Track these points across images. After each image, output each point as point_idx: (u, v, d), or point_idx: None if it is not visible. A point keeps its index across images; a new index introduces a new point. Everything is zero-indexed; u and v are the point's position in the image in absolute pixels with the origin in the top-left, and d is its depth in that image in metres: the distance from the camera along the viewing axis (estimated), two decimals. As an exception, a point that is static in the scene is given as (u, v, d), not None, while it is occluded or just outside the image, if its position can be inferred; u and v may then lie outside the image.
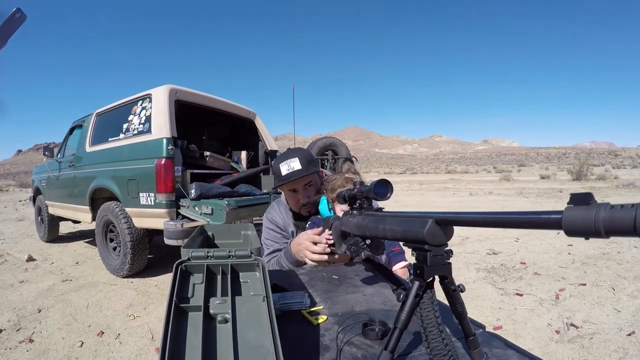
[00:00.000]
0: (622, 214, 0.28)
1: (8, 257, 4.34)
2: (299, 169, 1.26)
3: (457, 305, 0.54)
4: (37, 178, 5.47)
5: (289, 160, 1.28)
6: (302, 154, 1.31)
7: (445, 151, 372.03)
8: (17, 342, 2.12)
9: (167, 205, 2.85)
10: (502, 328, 2.16)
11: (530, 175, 24.09)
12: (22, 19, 0.74)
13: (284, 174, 1.28)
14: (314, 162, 1.33)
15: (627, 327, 2.09)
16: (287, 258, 1.16)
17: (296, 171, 1.26)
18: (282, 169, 1.28)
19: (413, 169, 64.95)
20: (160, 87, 3.08)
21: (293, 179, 1.26)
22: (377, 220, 0.66)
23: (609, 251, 3.85)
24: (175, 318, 0.51)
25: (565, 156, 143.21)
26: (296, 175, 1.26)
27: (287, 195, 1.38)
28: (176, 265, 0.62)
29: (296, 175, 1.26)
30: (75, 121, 4.44)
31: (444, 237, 0.50)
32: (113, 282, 3.29)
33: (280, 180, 1.29)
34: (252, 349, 0.48)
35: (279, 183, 1.31)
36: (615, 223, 0.28)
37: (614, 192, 10.13)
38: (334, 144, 6.47)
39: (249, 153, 4.29)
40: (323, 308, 0.77)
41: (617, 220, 0.28)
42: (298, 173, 1.26)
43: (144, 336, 2.20)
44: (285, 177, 1.27)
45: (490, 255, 3.94)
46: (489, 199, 9.85)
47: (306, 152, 1.35)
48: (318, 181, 1.37)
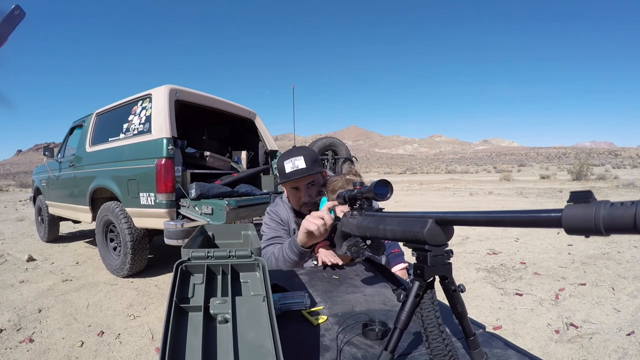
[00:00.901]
0: (622, 211, 0.28)
1: (8, 257, 4.34)
2: (303, 167, 1.27)
3: (458, 306, 0.55)
4: (37, 178, 5.47)
5: (293, 158, 1.29)
6: (307, 152, 1.32)
7: (445, 151, 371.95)
8: (17, 342, 2.12)
9: (167, 205, 2.86)
10: (501, 328, 2.16)
11: (530, 175, 24.09)
12: (22, 16, 0.74)
13: (287, 171, 1.29)
14: (318, 162, 1.34)
15: (626, 327, 2.09)
16: (292, 249, 1.13)
17: (300, 170, 1.27)
18: (287, 167, 1.29)
19: (413, 169, 64.96)
20: (160, 87, 3.08)
21: (296, 177, 1.27)
22: (377, 220, 0.66)
23: (609, 251, 3.85)
24: (175, 318, 0.51)
25: (565, 156, 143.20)
26: (300, 174, 1.27)
27: (289, 193, 1.39)
28: (176, 265, 0.62)
29: (300, 174, 1.27)
30: (75, 121, 4.44)
31: (444, 237, 0.50)
32: (113, 282, 3.29)
33: (284, 178, 1.30)
34: (252, 349, 0.48)
35: (282, 180, 1.32)
36: (615, 220, 0.28)
37: (614, 192, 10.13)
38: (334, 144, 6.47)
39: (249, 153, 4.29)
40: (323, 308, 0.77)
41: (617, 217, 0.28)
42: (302, 172, 1.27)
43: (144, 336, 2.20)
44: (288, 174, 1.28)
45: (490, 255, 3.94)
46: (489, 199, 9.85)
47: (311, 151, 1.35)
48: (321, 181, 1.38)
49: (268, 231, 1.37)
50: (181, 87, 3.17)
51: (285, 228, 1.39)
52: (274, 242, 1.31)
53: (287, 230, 1.38)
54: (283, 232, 1.37)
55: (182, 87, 3.18)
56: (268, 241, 1.33)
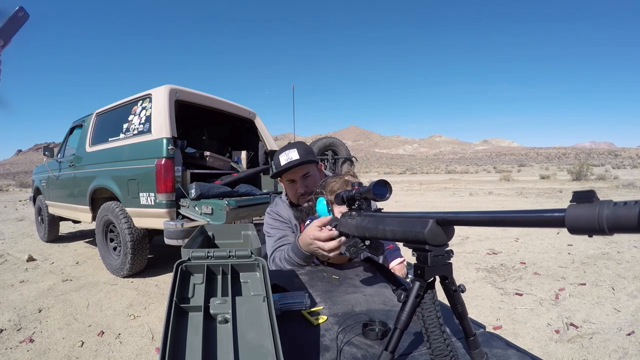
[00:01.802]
0: (626, 211, 0.28)
1: (8, 257, 4.34)
2: (296, 158, 1.31)
3: (458, 306, 0.54)
4: (37, 178, 5.47)
5: (288, 151, 1.33)
6: (301, 145, 1.36)
7: (445, 151, 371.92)
8: (17, 342, 2.12)
9: (167, 205, 2.86)
10: (501, 328, 2.16)
11: (530, 176, 24.09)
12: (25, 18, 0.74)
13: (282, 164, 1.33)
14: (312, 154, 1.37)
15: (626, 326, 2.09)
16: (296, 253, 1.12)
17: (294, 160, 1.31)
18: (281, 160, 1.33)
19: (413, 169, 64.96)
20: (160, 87, 3.08)
21: (291, 166, 1.30)
22: (376, 221, 0.66)
23: (609, 251, 3.85)
24: (175, 318, 0.51)
25: (565, 156, 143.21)
26: (294, 163, 1.30)
27: (286, 187, 1.41)
28: (176, 265, 0.62)
29: (294, 164, 1.30)
30: (75, 121, 4.44)
31: (444, 237, 0.50)
32: (113, 282, 3.29)
33: (279, 169, 1.34)
34: (252, 349, 0.48)
35: (278, 171, 1.35)
36: (619, 220, 0.28)
37: (614, 192, 10.13)
38: (334, 144, 6.47)
39: (249, 153, 4.29)
40: (323, 308, 0.77)
41: (621, 217, 0.28)
42: (295, 162, 1.30)
43: (144, 336, 2.20)
44: (283, 166, 1.32)
45: (490, 255, 3.94)
46: (489, 199, 9.85)
47: (305, 144, 1.39)
48: (317, 175, 1.39)
49: (273, 232, 1.37)
50: (181, 87, 3.17)
51: (290, 226, 1.39)
52: (283, 244, 1.30)
53: (292, 228, 1.39)
54: (288, 229, 1.38)
55: (182, 87, 3.18)
56: (277, 243, 1.32)
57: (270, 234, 1.38)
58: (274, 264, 1.24)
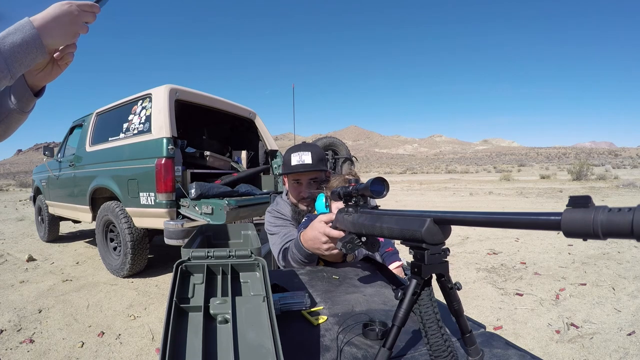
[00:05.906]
0: (620, 217, 0.29)
1: (8, 257, 4.34)
2: (308, 163, 1.31)
3: (454, 303, 0.55)
4: (37, 178, 5.47)
5: (301, 152, 1.33)
6: (315, 150, 1.36)
7: (445, 151, 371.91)
8: (17, 342, 2.12)
9: (167, 205, 2.86)
10: (502, 328, 2.16)
11: (530, 175, 24.08)
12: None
13: (293, 164, 1.33)
14: (324, 162, 1.38)
15: (627, 326, 2.09)
16: (299, 250, 1.09)
17: (305, 164, 1.31)
18: (293, 159, 1.33)
19: (413, 168, 64.96)
20: (161, 86, 3.08)
21: (300, 170, 1.30)
22: (374, 218, 0.66)
23: (609, 251, 3.85)
24: (175, 318, 0.51)
25: (565, 156, 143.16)
26: (303, 168, 1.30)
27: (290, 185, 1.41)
28: (176, 265, 0.62)
29: (303, 169, 1.30)
30: (75, 121, 4.44)
31: (442, 236, 0.50)
32: (113, 282, 3.29)
33: (288, 169, 1.34)
34: (253, 349, 0.48)
35: (286, 171, 1.35)
36: (612, 226, 0.29)
37: (614, 192, 10.13)
38: (334, 144, 6.47)
39: (249, 153, 4.29)
40: (323, 308, 0.77)
41: (615, 223, 0.29)
42: (306, 167, 1.31)
43: (145, 336, 2.20)
44: (293, 167, 1.32)
45: (490, 255, 3.94)
46: (489, 199, 9.85)
47: (319, 150, 1.39)
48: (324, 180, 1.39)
49: (277, 229, 1.35)
50: (181, 87, 3.18)
51: (292, 223, 1.39)
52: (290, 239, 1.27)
53: (294, 225, 1.39)
54: (291, 226, 1.38)
55: (182, 87, 3.18)
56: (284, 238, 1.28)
57: (274, 231, 1.37)
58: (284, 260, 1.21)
